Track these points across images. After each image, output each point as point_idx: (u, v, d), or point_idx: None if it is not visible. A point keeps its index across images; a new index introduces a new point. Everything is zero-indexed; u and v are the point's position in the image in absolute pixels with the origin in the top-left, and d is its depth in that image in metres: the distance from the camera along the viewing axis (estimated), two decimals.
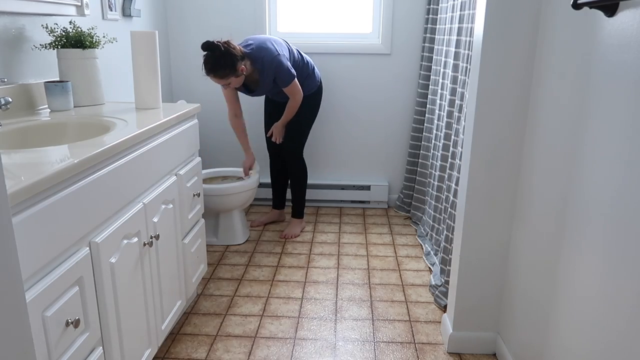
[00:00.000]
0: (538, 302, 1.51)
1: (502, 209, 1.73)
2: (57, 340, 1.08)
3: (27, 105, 1.80)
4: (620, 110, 1.09)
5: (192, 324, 2.05)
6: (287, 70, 2.57)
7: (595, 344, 1.17)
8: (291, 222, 2.98)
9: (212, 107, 3.29)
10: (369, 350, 1.88)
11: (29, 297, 0.99)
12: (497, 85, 1.62)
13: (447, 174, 2.40)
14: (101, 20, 2.32)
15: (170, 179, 1.75)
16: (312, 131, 3.31)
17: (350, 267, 2.54)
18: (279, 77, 2.59)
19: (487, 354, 1.87)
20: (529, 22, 1.56)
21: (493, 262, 1.78)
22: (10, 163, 1.11)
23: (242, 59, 2.49)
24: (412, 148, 3.15)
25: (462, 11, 2.28)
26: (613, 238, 1.11)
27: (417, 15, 3.09)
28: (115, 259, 1.33)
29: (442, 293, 2.17)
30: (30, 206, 0.99)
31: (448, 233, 2.18)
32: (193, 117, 2.05)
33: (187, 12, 3.17)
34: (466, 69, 2.19)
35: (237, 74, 2.49)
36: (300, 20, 3.21)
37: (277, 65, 2.54)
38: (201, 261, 2.14)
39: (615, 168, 1.11)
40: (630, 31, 1.06)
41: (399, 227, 3.08)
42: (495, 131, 1.66)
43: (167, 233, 1.71)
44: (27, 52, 1.83)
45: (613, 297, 1.10)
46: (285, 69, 2.56)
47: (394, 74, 3.20)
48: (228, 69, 2.44)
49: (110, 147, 1.28)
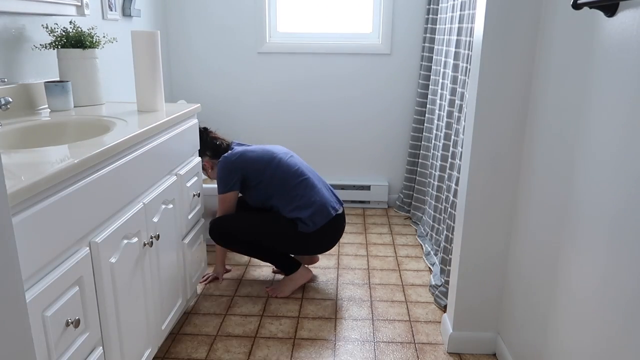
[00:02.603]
0: (538, 302, 1.51)
1: (502, 209, 1.73)
2: (57, 340, 1.08)
3: (27, 105, 1.80)
4: (620, 110, 1.09)
5: (192, 324, 2.05)
6: (220, 180, 2.20)
7: (595, 344, 1.17)
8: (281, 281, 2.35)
9: (212, 107, 3.29)
10: (369, 350, 1.88)
11: (29, 297, 0.99)
12: (497, 85, 1.62)
13: (447, 174, 2.40)
14: (101, 20, 2.32)
15: (170, 179, 1.75)
16: (312, 131, 3.31)
17: (350, 267, 2.54)
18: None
19: (487, 354, 1.87)
20: (529, 22, 1.56)
21: (493, 262, 1.78)
22: (10, 163, 1.11)
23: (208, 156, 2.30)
24: (412, 148, 3.15)
25: (462, 11, 2.28)
26: (612, 238, 1.11)
27: (417, 15, 3.09)
28: (115, 259, 1.33)
29: (442, 293, 2.17)
30: (30, 206, 0.99)
31: (448, 233, 2.18)
32: (193, 117, 2.05)
33: (187, 12, 3.17)
34: (466, 69, 2.19)
35: (204, 166, 2.32)
36: (300, 20, 3.21)
37: (218, 168, 2.22)
38: (201, 261, 2.14)
39: (615, 168, 1.11)
40: (630, 31, 1.06)
41: (399, 227, 3.08)
42: (495, 131, 1.66)
43: (167, 233, 1.71)
44: (27, 52, 1.83)
45: (613, 297, 1.10)
46: (219, 177, 2.20)
47: (394, 74, 3.20)
48: (200, 151, 2.23)
49: (110, 147, 1.28)
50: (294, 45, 3.18)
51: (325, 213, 2.16)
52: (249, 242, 2.22)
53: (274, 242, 2.21)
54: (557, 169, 1.40)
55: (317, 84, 3.24)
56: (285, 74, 3.23)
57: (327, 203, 2.18)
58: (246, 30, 3.16)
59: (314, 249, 2.26)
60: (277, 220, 2.18)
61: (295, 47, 3.18)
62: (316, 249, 2.27)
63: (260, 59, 3.21)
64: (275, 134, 3.33)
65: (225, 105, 3.30)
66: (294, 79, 3.24)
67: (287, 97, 3.27)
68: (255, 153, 2.21)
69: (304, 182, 2.19)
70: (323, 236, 2.19)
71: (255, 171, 2.18)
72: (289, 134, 3.33)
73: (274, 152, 2.24)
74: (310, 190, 2.18)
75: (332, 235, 2.23)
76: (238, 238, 2.21)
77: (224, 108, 3.31)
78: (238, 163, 2.18)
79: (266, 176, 2.18)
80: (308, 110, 3.29)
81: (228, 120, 3.29)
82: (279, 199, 2.18)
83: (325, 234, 2.19)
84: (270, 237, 2.19)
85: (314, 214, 2.14)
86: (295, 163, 2.24)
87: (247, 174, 2.19)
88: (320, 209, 2.15)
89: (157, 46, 1.81)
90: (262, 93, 3.27)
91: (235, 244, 2.23)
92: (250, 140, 3.28)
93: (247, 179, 2.20)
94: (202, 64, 3.25)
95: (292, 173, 2.20)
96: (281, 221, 2.17)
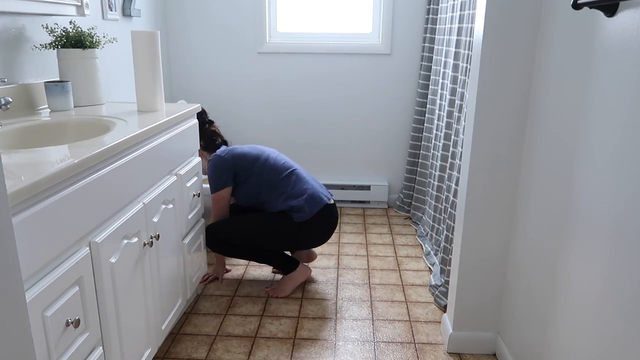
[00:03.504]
0: (538, 302, 1.51)
1: (502, 208, 1.73)
2: (57, 340, 1.08)
3: (27, 105, 1.80)
4: (620, 110, 1.09)
5: (192, 324, 2.05)
6: (212, 179, 2.21)
7: (595, 344, 1.17)
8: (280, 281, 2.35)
9: (212, 107, 3.29)
10: (369, 350, 1.88)
11: (29, 297, 0.99)
12: (497, 85, 1.62)
13: (447, 174, 2.40)
14: (101, 20, 2.32)
15: (170, 179, 1.75)
16: (312, 131, 3.31)
17: (350, 267, 2.54)
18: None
19: (487, 354, 1.87)
20: (529, 22, 1.56)
21: (493, 262, 1.78)
22: (10, 163, 1.11)
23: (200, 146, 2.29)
24: (412, 148, 3.15)
25: (462, 11, 2.28)
26: (613, 238, 1.11)
27: (417, 15, 3.09)
28: (115, 259, 1.33)
29: (442, 293, 2.17)
30: (30, 206, 0.99)
31: (448, 233, 2.18)
32: (193, 117, 2.05)
33: (187, 12, 3.17)
34: (466, 69, 2.19)
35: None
36: (300, 20, 3.21)
37: (209, 168, 2.23)
38: (201, 261, 2.14)
39: (615, 168, 1.11)
40: (630, 31, 1.06)
41: (399, 227, 3.08)
42: (495, 131, 1.66)
43: (167, 233, 1.71)
44: (27, 52, 1.83)
45: (613, 297, 1.10)
46: (211, 177, 2.21)
47: (394, 74, 3.20)
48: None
49: (110, 147, 1.28)
50: (294, 45, 3.18)
51: (317, 200, 2.18)
52: (245, 245, 2.23)
53: (269, 240, 2.22)
54: (557, 169, 1.40)
55: (317, 84, 3.24)
56: (285, 74, 3.23)
57: (318, 192, 2.22)
58: (246, 30, 3.16)
59: (309, 240, 2.27)
60: (270, 217, 2.20)
61: (295, 47, 3.17)
62: (311, 241, 2.28)
63: (260, 59, 3.21)
64: (275, 134, 3.33)
65: (225, 105, 3.30)
66: (294, 79, 3.24)
67: (287, 97, 3.27)
68: (244, 149, 2.26)
69: (292, 174, 2.24)
70: (317, 225, 2.20)
71: (245, 166, 2.22)
72: (289, 134, 3.33)
73: (262, 149, 2.30)
74: (300, 181, 2.22)
75: (326, 225, 2.24)
76: (234, 242, 2.22)
77: (223, 108, 3.31)
78: (228, 159, 2.22)
79: (255, 170, 2.21)
80: (308, 111, 3.29)
81: (228, 120, 3.29)
82: (269, 192, 2.20)
83: (321, 223, 2.21)
84: (265, 235, 2.21)
85: (306, 201, 2.16)
86: (283, 158, 2.30)
87: (237, 170, 2.22)
88: (312, 197, 2.18)
89: (157, 46, 1.81)
90: (262, 93, 3.27)
91: (233, 249, 2.24)
92: (250, 141, 3.29)
93: (237, 174, 2.23)
94: (202, 64, 3.25)
95: (280, 166, 2.25)
96: (275, 217, 2.19)
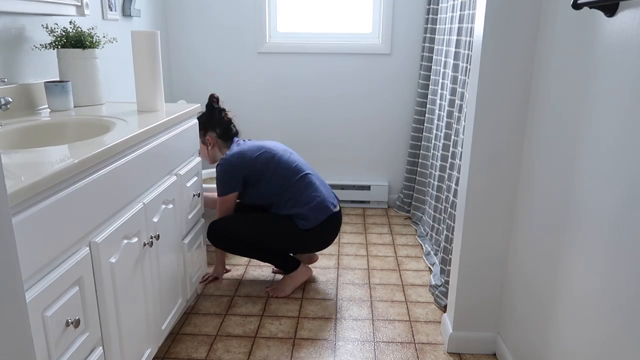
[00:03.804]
0: (538, 302, 1.51)
1: (502, 208, 1.73)
2: (57, 340, 1.08)
3: (27, 105, 1.80)
4: (620, 109, 1.09)
5: (192, 324, 2.05)
6: (221, 182, 2.20)
7: (595, 344, 1.17)
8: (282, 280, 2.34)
9: None
10: (369, 350, 1.88)
11: (29, 297, 0.99)
12: (497, 85, 1.62)
13: (447, 174, 2.40)
14: (101, 20, 2.32)
15: (170, 179, 1.75)
16: (312, 131, 3.31)
17: (350, 267, 2.54)
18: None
19: (487, 354, 1.87)
20: (529, 22, 1.56)
21: (493, 262, 1.78)
22: (10, 163, 1.11)
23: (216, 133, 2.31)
24: (412, 148, 3.15)
25: (462, 11, 2.28)
26: (613, 237, 1.11)
27: (417, 15, 3.09)
28: (115, 259, 1.33)
29: (442, 293, 2.17)
30: (30, 206, 0.99)
31: (448, 233, 2.18)
32: (193, 117, 2.05)
33: (187, 12, 3.17)
34: (466, 69, 2.19)
35: (203, 140, 2.32)
36: (300, 20, 3.21)
37: (218, 170, 2.20)
38: (201, 261, 2.14)
39: (615, 168, 1.11)
40: (630, 31, 1.06)
41: (399, 227, 3.08)
42: (495, 131, 1.66)
43: (167, 233, 1.71)
44: (27, 52, 1.83)
45: (613, 297, 1.10)
46: (220, 179, 2.20)
47: (394, 74, 3.20)
48: (201, 125, 2.25)
49: (110, 147, 1.28)
50: (294, 45, 3.18)
51: (323, 209, 2.17)
52: (247, 243, 2.22)
53: (273, 241, 2.22)
54: (557, 168, 1.40)
55: (317, 84, 3.24)
56: (285, 74, 3.23)
57: (327, 199, 2.20)
58: (246, 30, 3.16)
59: (312, 246, 2.27)
60: (275, 219, 2.19)
61: (295, 47, 3.17)
62: (314, 246, 2.27)
63: (260, 59, 3.21)
64: (275, 134, 3.33)
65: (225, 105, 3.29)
66: (294, 79, 3.24)
67: (287, 97, 3.27)
68: (253, 153, 2.21)
69: (303, 179, 2.20)
70: (322, 233, 2.20)
71: (256, 171, 2.19)
72: (289, 134, 3.33)
73: (273, 150, 2.24)
74: (310, 187, 2.19)
75: (330, 232, 2.24)
76: (237, 240, 2.22)
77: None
78: (239, 164, 2.18)
79: (266, 175, 2.19)
80: (308, 111, 3.29)
81: None
82: (279, 196, 2.19)
83: (324, 231, 2.20)
84: (269, 236, 2.20)
85: (312, 210, 2.15)
86: (294, 160, 2.25)
87: (248, 174, 2.19)
88: (320, 205, 2.17)
89: (157, 46, 1.81)
90: (262, 93, 3.27)
91: (234, 246, 2.23)
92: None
93: (246, 180, 2.21)
94: (202, 64, 3.25)
95: (292, 170, 2.21)
96: (280, 219, 2.18)
